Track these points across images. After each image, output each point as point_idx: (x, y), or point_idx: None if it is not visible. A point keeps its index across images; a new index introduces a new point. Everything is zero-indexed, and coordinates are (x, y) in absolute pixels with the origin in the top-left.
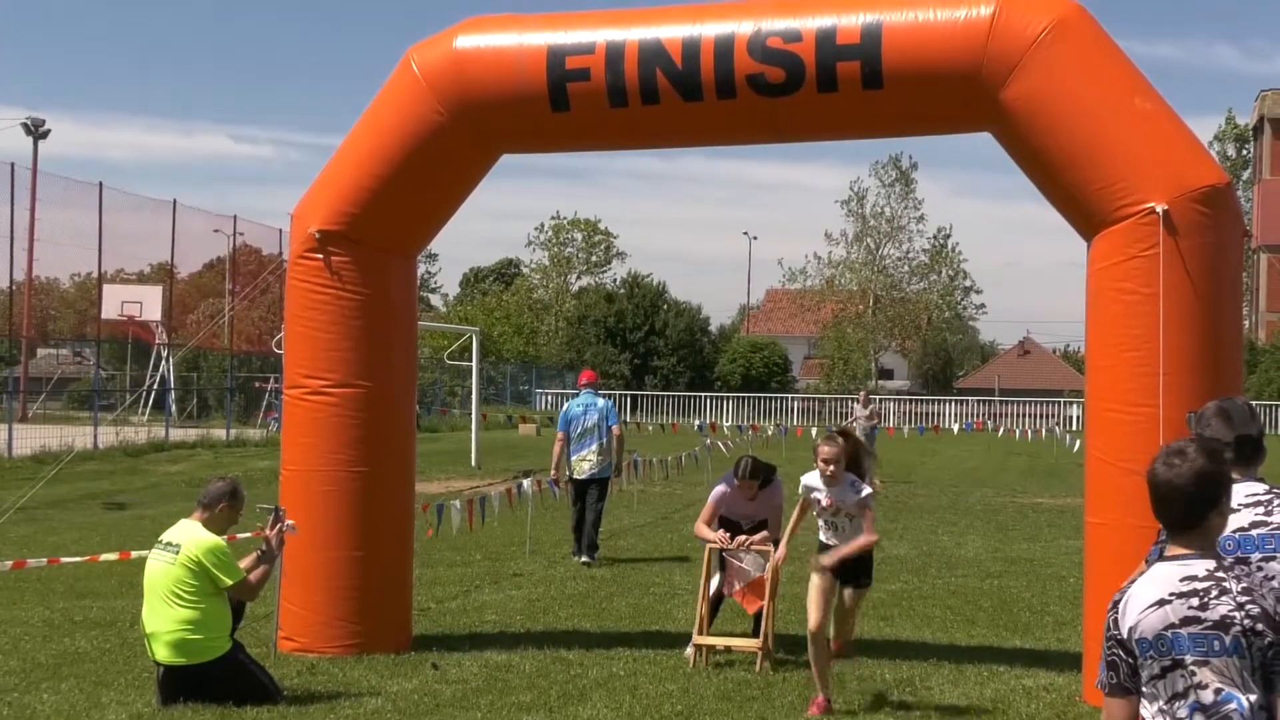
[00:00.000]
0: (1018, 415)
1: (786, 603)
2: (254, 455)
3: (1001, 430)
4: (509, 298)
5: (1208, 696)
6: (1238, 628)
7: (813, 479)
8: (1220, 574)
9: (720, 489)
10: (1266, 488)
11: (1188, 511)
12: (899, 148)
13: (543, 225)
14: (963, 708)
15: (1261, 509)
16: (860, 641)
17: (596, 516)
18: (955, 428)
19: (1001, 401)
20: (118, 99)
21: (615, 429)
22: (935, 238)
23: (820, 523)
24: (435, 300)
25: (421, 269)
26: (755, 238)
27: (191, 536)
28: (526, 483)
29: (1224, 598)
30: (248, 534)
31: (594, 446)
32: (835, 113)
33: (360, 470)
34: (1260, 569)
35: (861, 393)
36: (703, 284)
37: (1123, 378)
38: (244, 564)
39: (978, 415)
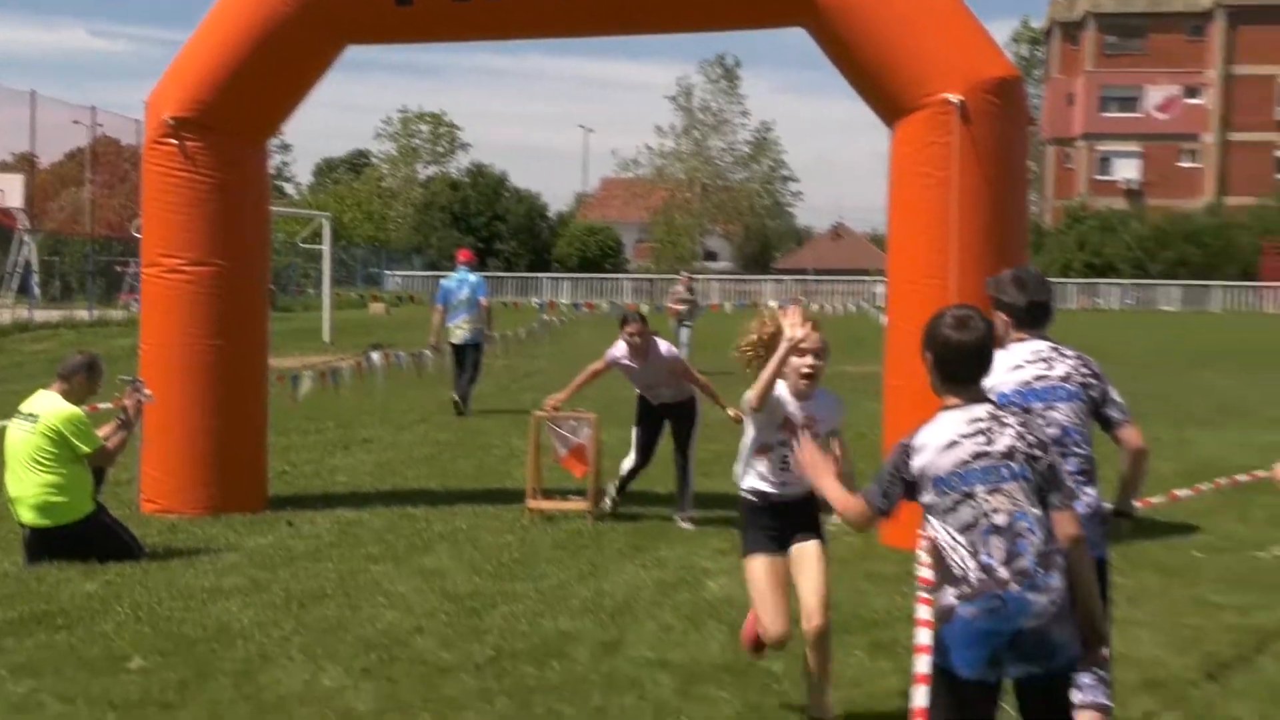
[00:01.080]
0: (829, 293)
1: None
2: (116, 334)
3: (815, 306)
4: (359, 186)
5: (1001, 519)
6: (1021, 454)
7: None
8: (998, 413)
9: (611, 355)
10: (1050, 345)
11: (976, 368)
12: (724, 47)
13: (390, 118)
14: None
15: (1044, 364)
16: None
17: (473, 375)
18: (774, 303)
19: (815, 280)
20: None
21: (484, 301)
22: (757, 131)
23: (757, 457)
24: (289, 189)
25: (276, 159)
26: (591, 130)
27: (50, 406)
28: (375, 355)
29: (1006, 430)
30: (107, 404)
31: (467, 316)
32: (665, 7)
33: (215, 344)
34: (1042, 417)
35: (684, 274)
36: (542, 173)
37: (920, 253)
38: (103, 432)
39: (793, 293)
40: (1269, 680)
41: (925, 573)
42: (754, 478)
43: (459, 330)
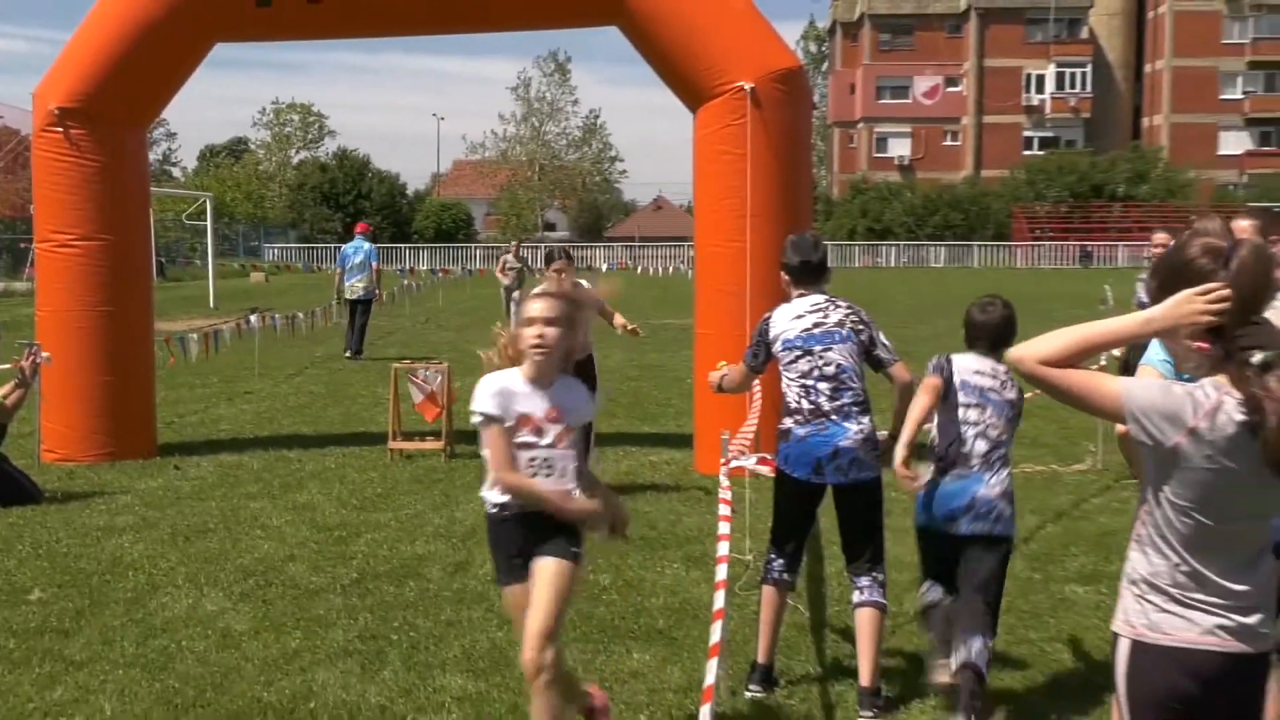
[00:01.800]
0: (653, 257)
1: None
2: (20, 304)
3: (640, 269)
4: (239, 169)
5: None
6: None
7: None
8: (832, 299)
9: None
10: (826, 298)
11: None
12: (556, 45)
13: (265, 109)
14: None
15: (821, 313)
16: None
17: (362, 326)
18: (604, 267)
19: (640, 246)
20: None
21: (375, 264)
22: (587, 118)
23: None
24: (176, 172)
25: (164, 146)
26: (443, 118)
27: None
28: (254, 318)
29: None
30: (6, 365)
31: (360, 277)
32: (494, 9)
33: (105, 310)
34: (822, 357)
35: (513, 243)
36: (400, 156)
37: (721, 220)
38: (2, 391)
39: (622, 257)
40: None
41: (726, 495)
42: (494, 489)
43: (354, 288)
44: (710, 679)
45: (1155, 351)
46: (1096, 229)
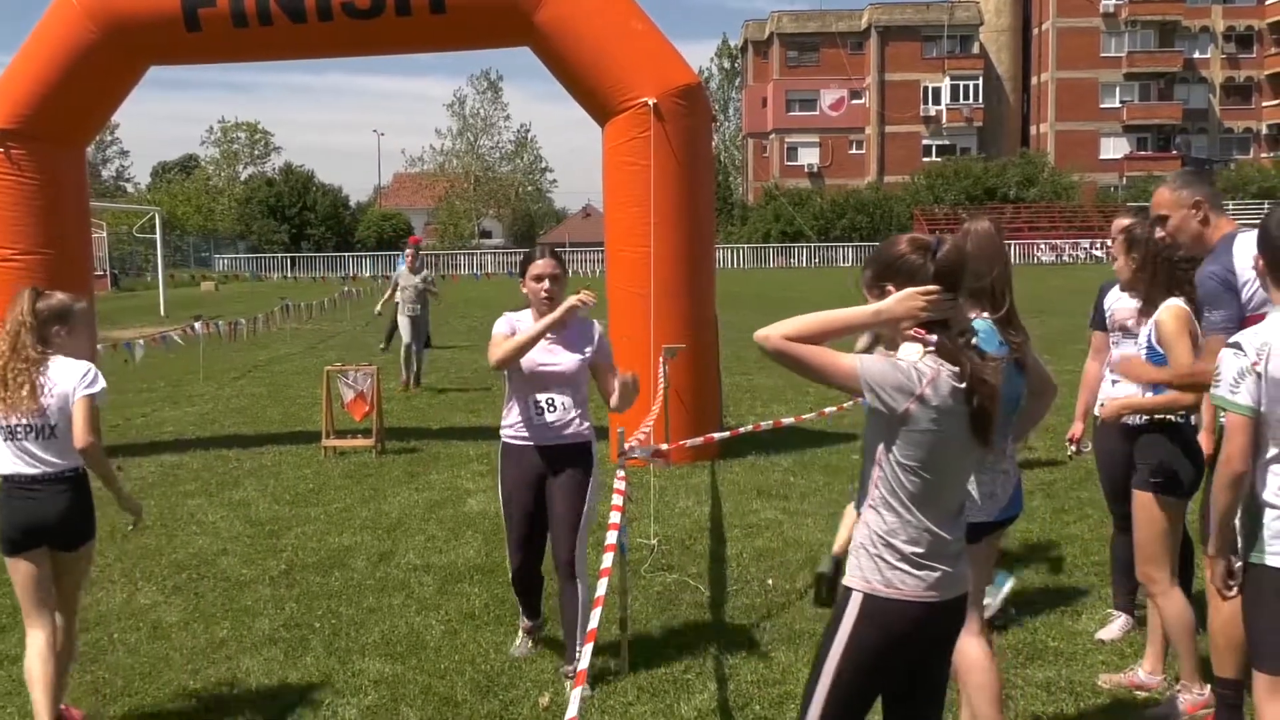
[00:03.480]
0: (583, 261)
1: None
2: None
3: (572, 271)
4: (190, 184)
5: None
6: None
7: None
8: None
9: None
10: None
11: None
12: (489, 63)
13: (214, 128)
14: None
15: None
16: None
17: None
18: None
19: (571, 250)
20: None
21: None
22: (518, 132)
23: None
24: (129, 188)
25: (117, 163)
26: (383, 134)
27: None
28: (198, 324)
29: None
30: None
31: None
32: (411, 32)
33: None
34: None
35: (408, 254)
36: (343, 170)
37: (628, 226)
38: None
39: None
40: None
41: (620, 485)
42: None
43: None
44: (583, 664)
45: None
46: None
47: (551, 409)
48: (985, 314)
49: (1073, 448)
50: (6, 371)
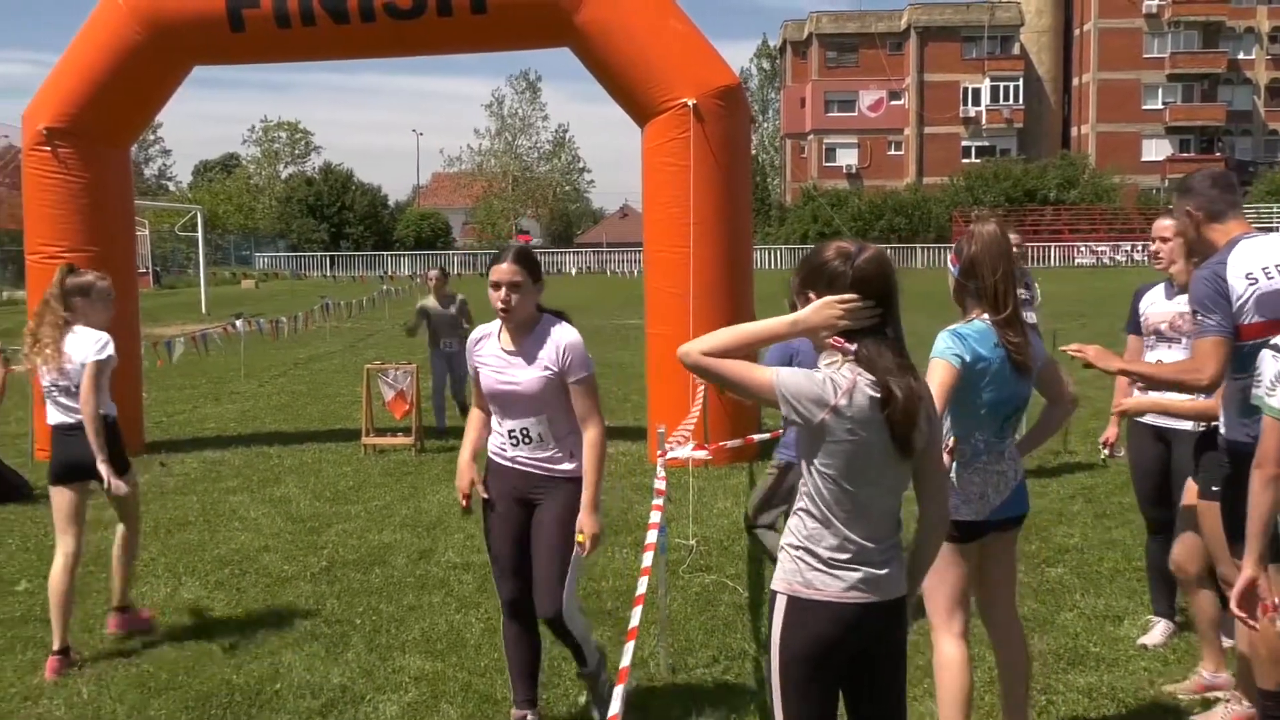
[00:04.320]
0: (620, 261)
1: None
2: (23, 312)
3: (609, 272)
4: (231, 183)
5: None
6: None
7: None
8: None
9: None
10: None
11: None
12: (527, 64)
13: (255, 127)
14: None
15: None
16: None
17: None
18: (573, 271)
19: (608, 251)
20: None
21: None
22: (557, 132)
23: None
24: (172, 187)
25: (159, 162)
26: (422, 134)
27: None
28: (239, 322)
29: None
30: None
31: None
32: (452, 32)
33: None
34: None
35: (432, 278)
36: (382, 170)
37: (667, 227)
38: None
39: (590, 263)
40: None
41: (660, 485)
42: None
43: None
44: (625, 661)
45: (947, 344)
46: (1029, 231)
47: (525, 440)
48: (986, 316)
49: (1105, 450)
50: (39, 332)
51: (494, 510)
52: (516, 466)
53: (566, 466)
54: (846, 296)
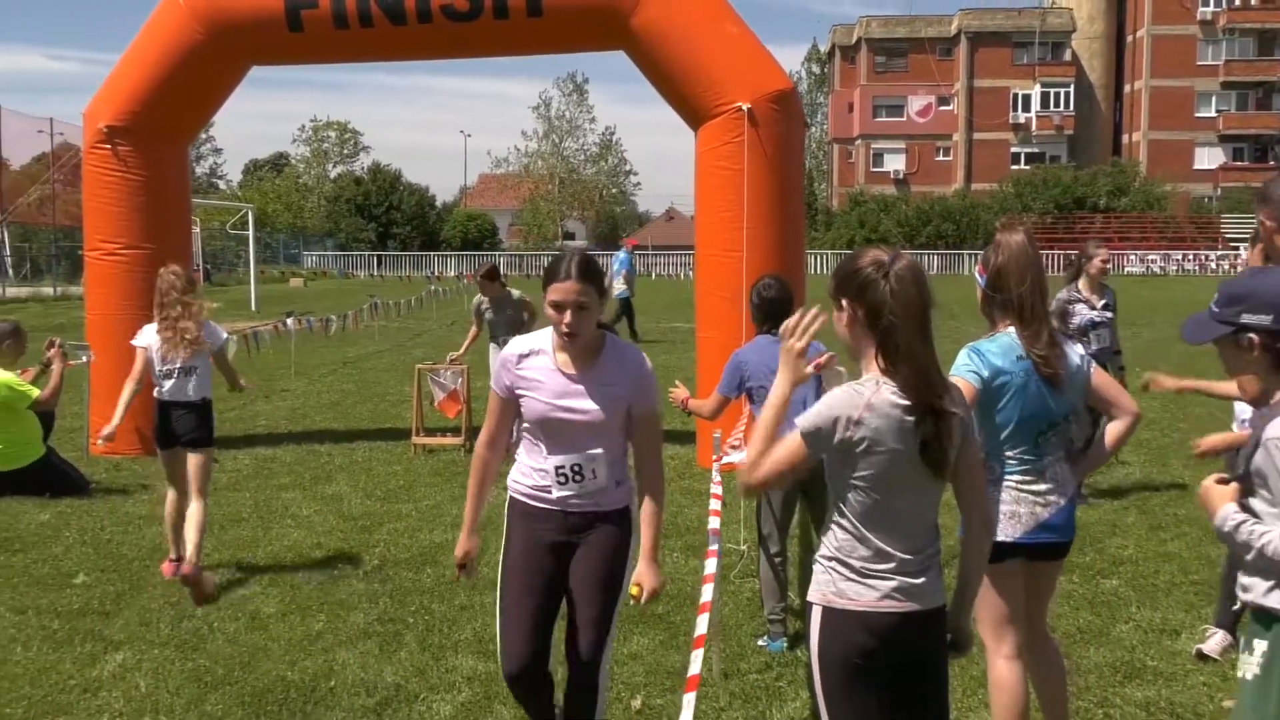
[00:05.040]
0: (665, 264)
1: None
2: (77, 307)
3: (654, 274)
4: (280, 182)
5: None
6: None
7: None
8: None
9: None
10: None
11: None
12: (574, 67)
13: (305, 126)
14: None
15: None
16: None
17: (629, 316)
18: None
19: (654, 254)
20: None
21: (624, 271)
22: (603, 134)
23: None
24: (222, 185)
25: (210, 161)
26: (469, 135)
27: None
28: (290, 320)
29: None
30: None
31: (619, 280)
32: (508, 34)
33: (147, 313)
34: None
35: (480, 270)
36: (430, 170)
37: (720, 230)
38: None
39: (636, 266)
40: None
41: (717, 490)
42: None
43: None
44: (695, 669)
45: (963, 361)
46: (1079, 239)
47: (577, 478)
48: (1012, 326)
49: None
50: (172, 327)
51: (518, 556)
52: (561, 510)
53: (614, 498)
54: (797, 331)
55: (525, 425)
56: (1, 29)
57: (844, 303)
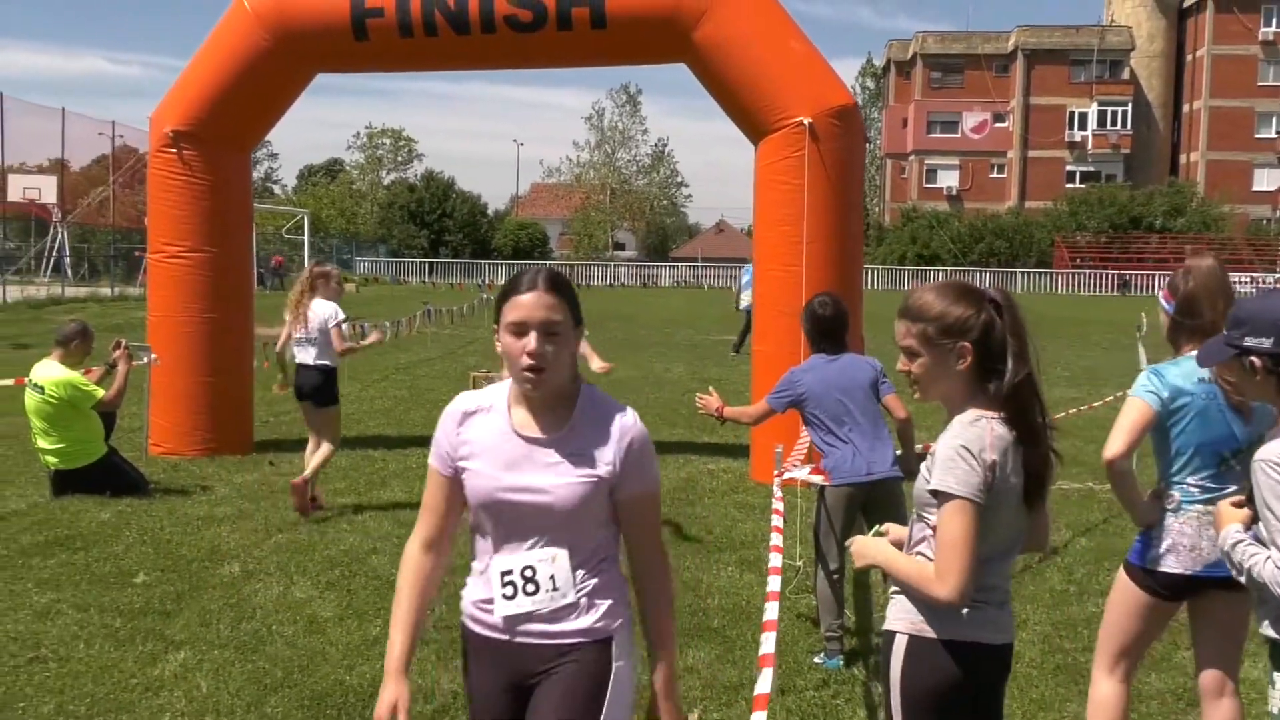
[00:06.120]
0: (715, 276)
1: None
2: (133, 308)
3: (705, 286)
4: (334, 188)
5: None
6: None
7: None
8: (857, 358)
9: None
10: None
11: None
12: (627, 78)
13: (359, 133)
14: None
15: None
16: None
17: (746, 327)
18: (669, 283)
19: (703, 266)
20: (9, 26)
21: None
22: (655, 146)
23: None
24: (277, 190)
25: (266, 165)
26: (522, 144)
27: (49, 375)
28: (345, 326)
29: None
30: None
31: (748, 292)
32: (570, 46)
33: (209, 316)
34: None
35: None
36: (482, 179)
37: (779, 245)
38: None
39: (685, 277)
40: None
41: (779, 505)
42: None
43: (745, 298)
44: (763, 688)
45: (1141, 383)
46: (1134, 259)
47: (529, 588)
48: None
49: None
50: (299, 306)
51: (474, 698)
52: (512, 642)
53: (584, 622)
54: (872, 546)
55: (471, 514)
56: (64, 32)
57: (955, 345)
